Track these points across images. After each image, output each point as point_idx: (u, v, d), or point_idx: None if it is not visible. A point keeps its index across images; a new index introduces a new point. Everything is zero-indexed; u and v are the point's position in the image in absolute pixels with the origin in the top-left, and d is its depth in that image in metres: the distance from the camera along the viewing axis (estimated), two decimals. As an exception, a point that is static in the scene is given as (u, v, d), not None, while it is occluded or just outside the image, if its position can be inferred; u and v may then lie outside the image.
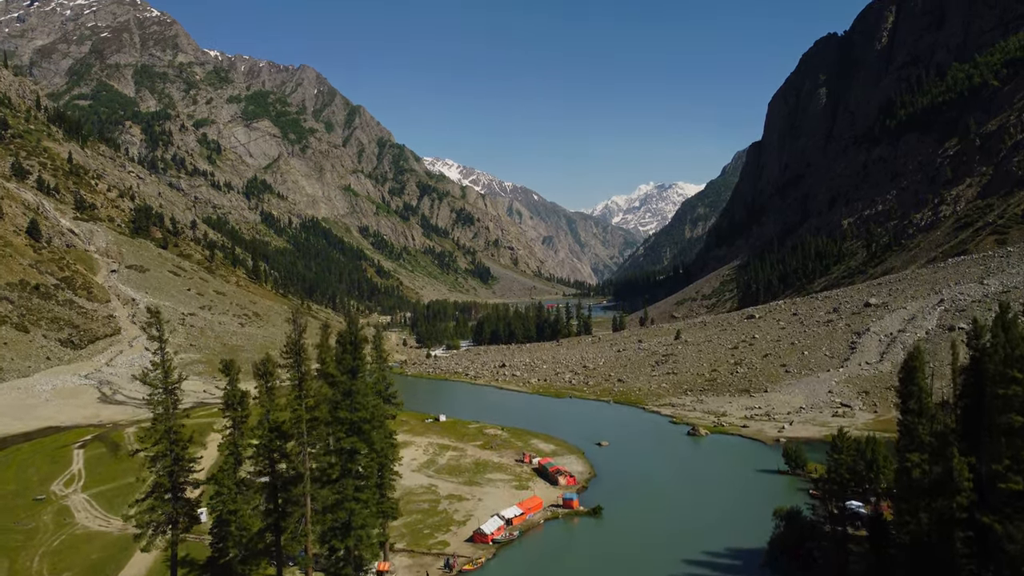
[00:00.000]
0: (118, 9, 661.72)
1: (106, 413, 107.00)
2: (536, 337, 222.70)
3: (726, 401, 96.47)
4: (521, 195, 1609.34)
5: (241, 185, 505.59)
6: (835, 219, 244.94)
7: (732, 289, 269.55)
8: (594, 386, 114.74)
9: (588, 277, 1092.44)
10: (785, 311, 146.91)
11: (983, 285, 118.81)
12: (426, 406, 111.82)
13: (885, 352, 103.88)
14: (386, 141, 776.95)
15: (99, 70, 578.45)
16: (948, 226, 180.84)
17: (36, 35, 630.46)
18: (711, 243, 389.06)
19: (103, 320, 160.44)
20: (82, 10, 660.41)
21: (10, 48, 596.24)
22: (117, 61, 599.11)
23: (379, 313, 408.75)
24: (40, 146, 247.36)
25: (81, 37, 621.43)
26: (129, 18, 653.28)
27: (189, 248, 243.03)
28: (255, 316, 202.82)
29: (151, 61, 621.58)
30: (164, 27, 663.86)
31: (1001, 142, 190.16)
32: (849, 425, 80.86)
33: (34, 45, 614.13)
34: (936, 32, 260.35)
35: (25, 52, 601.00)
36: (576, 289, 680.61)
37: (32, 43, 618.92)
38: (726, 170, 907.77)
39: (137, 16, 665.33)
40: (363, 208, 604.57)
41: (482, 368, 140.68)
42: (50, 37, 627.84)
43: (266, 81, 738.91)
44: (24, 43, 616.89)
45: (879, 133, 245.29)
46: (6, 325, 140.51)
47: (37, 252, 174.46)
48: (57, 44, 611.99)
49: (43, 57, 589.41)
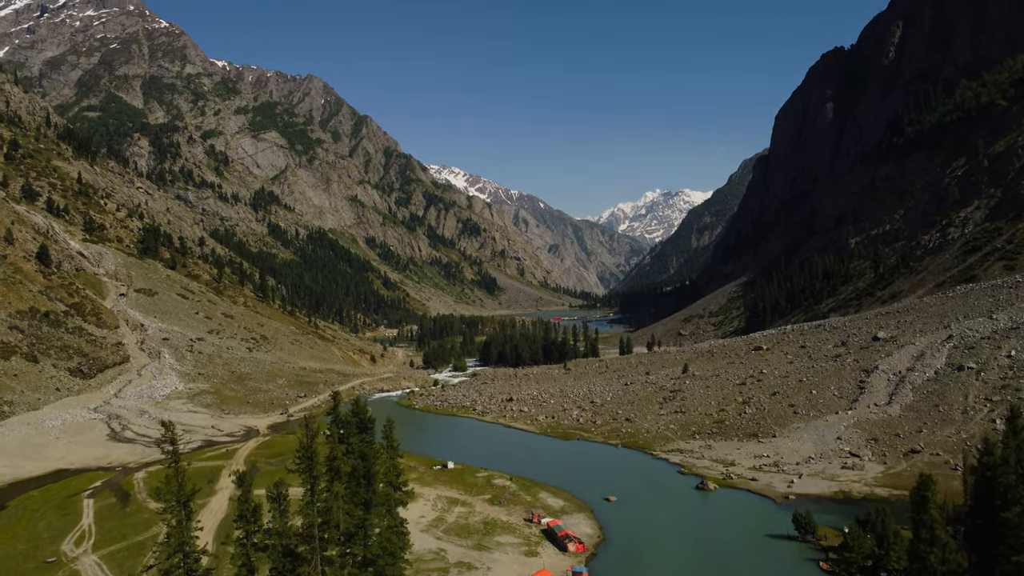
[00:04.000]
0: (127, 20, 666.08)
1: (115, 454, 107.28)
2: (543, 359, 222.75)
3: (734, 447, 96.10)
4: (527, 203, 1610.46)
5: (248, 197, 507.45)
6: (842, 237, 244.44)
7: (739, 307, 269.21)
8: (602, 426, 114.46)
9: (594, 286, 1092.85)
10: (793, 343, 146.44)
11: (992, 320, 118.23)
12: (434, 447, 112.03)
13: (894, 393, 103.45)
14: (393, 151, 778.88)
15: (108, 81, 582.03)
16: (956, 249, 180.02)
17: (46, 46, 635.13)
18: (718, 258, 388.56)
19: (112, 348, 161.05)
20: (91, 21, 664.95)
21: (20, 59, 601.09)
22: (126, 72, 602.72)
23: (385, 326, 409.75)
24: (50, 166, 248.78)
25: (90, 48, 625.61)
26: (138, 29, 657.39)
27: (197, 268, 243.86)
28: (263, 340, 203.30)
29: (159, 72, 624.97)
30: (172, 38, 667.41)
31: (1009, 163, 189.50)
32: (859, 479, 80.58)
33: (44, 56, 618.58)
34: (944, 48, 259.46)
35: (35, 63, 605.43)
36: (582, 300, 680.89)
37: (42, 54, 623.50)
38: (732, 179, 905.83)
39: (146, 27, 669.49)
40: (370, 219, 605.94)
41: (489, 402, 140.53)
42: (59, 48, 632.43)
43: (273, 91, 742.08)
44: (34, 54, 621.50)
45: (886, 150, 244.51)
46: (16, 355, 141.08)
47: (47, 278, 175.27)
48: (66, 55, 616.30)
49: (52, 68, 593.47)
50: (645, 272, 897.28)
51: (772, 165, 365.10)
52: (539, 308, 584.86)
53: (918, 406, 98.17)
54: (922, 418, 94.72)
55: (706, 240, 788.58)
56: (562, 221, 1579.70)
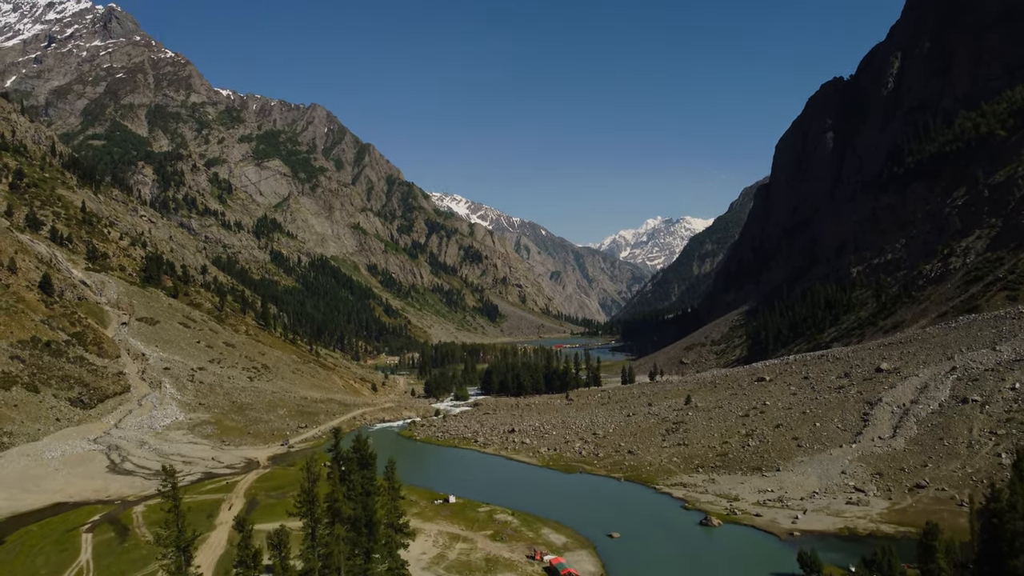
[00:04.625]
0: (133, 50, 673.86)
1: (115, 486, 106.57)
2: (545, 388, 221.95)
3: (738, 481, 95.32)
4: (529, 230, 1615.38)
5: (251, 224, 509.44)
6: (843, 266, 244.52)
7: (741, 335, 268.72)
8: (604, 458, 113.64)
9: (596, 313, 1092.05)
10: (796, 373, 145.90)
11: (996, 351, 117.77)
12: (436, 479, 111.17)
13: (898, 426, 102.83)
14: (395, 179, 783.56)
15: (113, 110, 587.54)
16: (958, 279, 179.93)
17: (52, 76, 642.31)
18: (719, 286, 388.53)
19: (113, 377, 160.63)
20: (98, 51, 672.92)
21: (27, 88, 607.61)
22: (131, 101, 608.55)
23: (387, 354, 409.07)
24: (54, 194, 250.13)
25: (96, 78, 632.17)
26: (144, 59, 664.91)
27: (199, 296, 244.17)
28: (264, 369, 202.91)
29: (164, 101, 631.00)
30: (178, 68, 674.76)
31: (1010, 194, 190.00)
32: (864, 515, 79.82)
33: (50, 86, 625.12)
34: (942, 78, 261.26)
35: (41, 92, 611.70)
36: (584, 327, 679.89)
37: (48, 84, 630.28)
38: (733, 206, 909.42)
39: (152, 57, 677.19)
40: (372, 246, 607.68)
41: (491, 433, 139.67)
42: (66, 78, 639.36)
43: (277, 120, 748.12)
44: (40, 84, 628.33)
45: (887, 180, 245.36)
46: (16, 385, 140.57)
47: (49, 307, 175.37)
48: (73, 85, 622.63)
49: (59, 97, 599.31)
50: (647, 299, 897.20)
51: (773, 194, 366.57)
52: (541, 335, 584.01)
53: (922, 439, 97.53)
54: (927, 452, 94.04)
55: (707, 267, 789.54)
56: (564, 248, 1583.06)
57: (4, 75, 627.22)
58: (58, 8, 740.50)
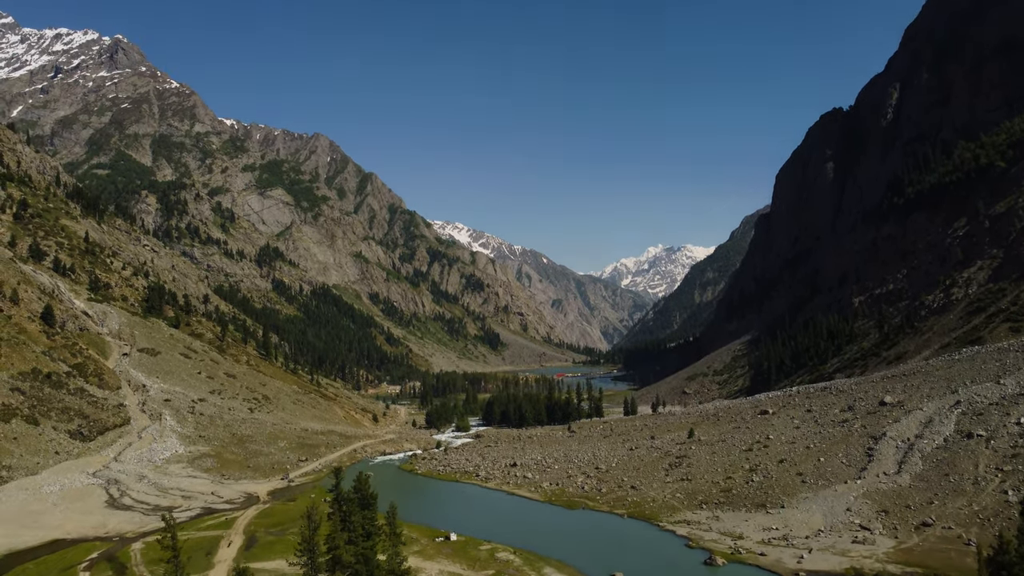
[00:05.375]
0: (139, 81, 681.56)
1: (113, 522, 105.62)
2: (547, 419, 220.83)
3: (742, 518, 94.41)
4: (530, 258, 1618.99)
5: (253, 253, 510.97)
6: (845, 296, 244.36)
7: (744, 365, 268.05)
8: (607, 494, 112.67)
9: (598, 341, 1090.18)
10: (799, 406, 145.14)
11: (1000, 385, 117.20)
12: (437, 515, 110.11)
13: (903, 461, 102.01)
14: (397, 207, 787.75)
15: (118, 140, 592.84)
16: (960, 310, 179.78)
17: (58, 106, 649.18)
18: (721, 315, 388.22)
19: (113, 409, 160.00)
20: (104, 82, 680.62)
21: (33, 118, 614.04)
22: (136, 131, 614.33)
23: (388, 383, 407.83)
24: (58, 225, 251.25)
25: (102, 108, 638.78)
26: (149, 89, 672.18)
27: (200, 326, 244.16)
28: (265, 400, 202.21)
29: (169, 131, 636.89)
30: (183, 98, 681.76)
31: (1011, 225, 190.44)
32: (870, 555, 78.84)
33: (56, 116, 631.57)
34: (941, 109, 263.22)
35: (47, 122, 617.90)
36: (586, 356, 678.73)
37: (54, 113, 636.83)
38: (735, 235, 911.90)
39: (157, 87, 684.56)
40: (374, 275, 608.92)
41: (493, 467, 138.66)
42: (72, 108, 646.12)
43: (280, 149, 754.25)
44: (47, 113, 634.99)
45: (887, 210, 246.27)
46: (16, 418, 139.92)
47: (50, 338, 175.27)
48: (78, 115, 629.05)
49: (64, 127, 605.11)
50: (648, 327, 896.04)
51: (774, 223, 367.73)
52: (542, 364, 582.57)
53: (928, 475, 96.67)
54: (932, 488, 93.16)
55: (709, 295, 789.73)
56: (565, 276, 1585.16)
57: (11, 105, 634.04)
58: (65, 39, 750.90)
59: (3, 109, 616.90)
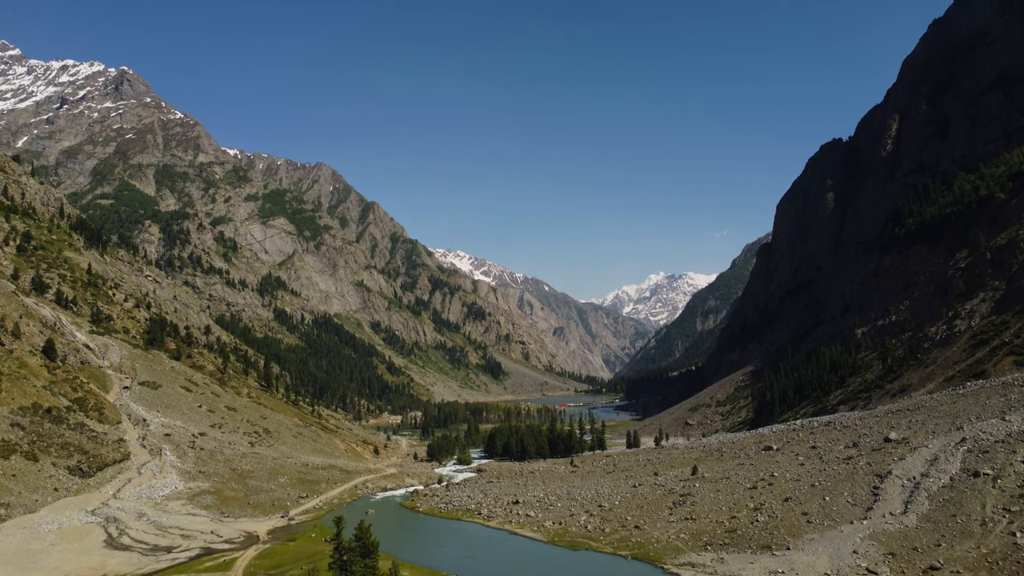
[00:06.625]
0: (143, 112, 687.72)
1: (112, 563, 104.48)
2: (549, 452, 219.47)
3: (747, 560, 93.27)
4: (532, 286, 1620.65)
5: (255, 282, 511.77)
6: (848, 326, 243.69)
7: (747, 396, 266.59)
8: (611, 533, 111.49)
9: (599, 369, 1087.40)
10: (803, 442, 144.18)
11: (1006, 422, 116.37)
12: (439, 556, 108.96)
13: (909, 501, 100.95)
14: (399, 236, 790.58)
15: (122, 170, 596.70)
16: (964, 342, 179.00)
17: (64, 136, 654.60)
18: (723, 345, 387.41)
19: (113, 445, 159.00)
20: (109, 112, 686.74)
21: (37, 149, 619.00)
22: (140, 161, 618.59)
23: (389, 413, 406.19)
24: (61, 257, 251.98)
25: (107, 138, 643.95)
26: (153, 120, 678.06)
27: (202, 358, 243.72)
28: (265, 433, 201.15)
29: (173, 161, 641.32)
30: (187, 129, 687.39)
31: (1012, 257, 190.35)
32: (878, 600, 77.80)
33: (61, 146, 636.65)
34: (940, 141, 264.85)
35: (52, 153, 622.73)
36: (588, 384, 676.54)
37: (59, 144, 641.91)
38: (736, 262, 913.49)
39: (161, 118, 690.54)
40: (375, 303, 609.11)
41: (495, 505, 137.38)
42: (77, 138, 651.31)
43: (283, 179, 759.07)
44: (51, 144, 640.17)
45: (888, 241, 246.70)
46: (16, 454, 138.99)
47: (51, 372, 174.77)
48: (83, 145, 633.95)
49: (69, 158, 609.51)
50: (650, 355, 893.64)
51: (775, 253, 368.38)
52: (544, 393, 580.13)
53: (935, 516, 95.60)
54: (939, 530, 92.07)
55: (710, 323, 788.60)
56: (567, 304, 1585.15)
57: (16, 136, 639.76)
58: (71, 71, 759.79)
59: (9, 140, 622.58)
